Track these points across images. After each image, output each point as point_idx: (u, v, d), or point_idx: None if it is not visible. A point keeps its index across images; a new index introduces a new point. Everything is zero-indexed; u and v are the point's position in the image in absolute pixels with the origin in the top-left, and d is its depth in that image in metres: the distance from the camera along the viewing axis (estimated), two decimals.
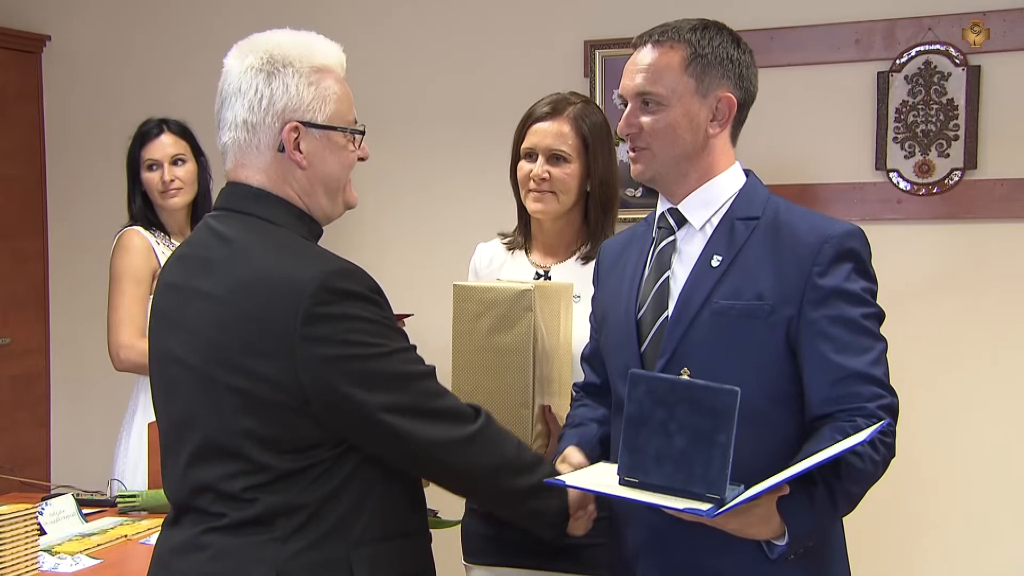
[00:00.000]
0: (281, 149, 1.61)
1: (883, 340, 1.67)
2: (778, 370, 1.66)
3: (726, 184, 1.77)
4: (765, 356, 1.66)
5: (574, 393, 2.06)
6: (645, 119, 1.73)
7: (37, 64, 4.38)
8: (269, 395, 1.52)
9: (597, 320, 1.93)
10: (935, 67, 3.24)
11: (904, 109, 3.27)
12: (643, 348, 1.74)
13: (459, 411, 1.64)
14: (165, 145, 3.03)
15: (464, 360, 2.11)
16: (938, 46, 3.23)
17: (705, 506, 1.48)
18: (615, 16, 3.52)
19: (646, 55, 1.74)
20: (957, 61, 3.21)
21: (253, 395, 1.52)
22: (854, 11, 3.32)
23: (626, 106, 1.77)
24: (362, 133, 1.69)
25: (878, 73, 3.29)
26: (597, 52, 3.58)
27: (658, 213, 1.82)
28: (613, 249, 1.93)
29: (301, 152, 1.61)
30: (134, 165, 3.05)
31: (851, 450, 1.51)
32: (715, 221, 1.75)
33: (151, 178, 3.02)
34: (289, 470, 1.54)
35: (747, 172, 1.81)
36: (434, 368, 1.64)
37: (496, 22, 3.75)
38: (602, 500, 1.81)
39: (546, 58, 3.65)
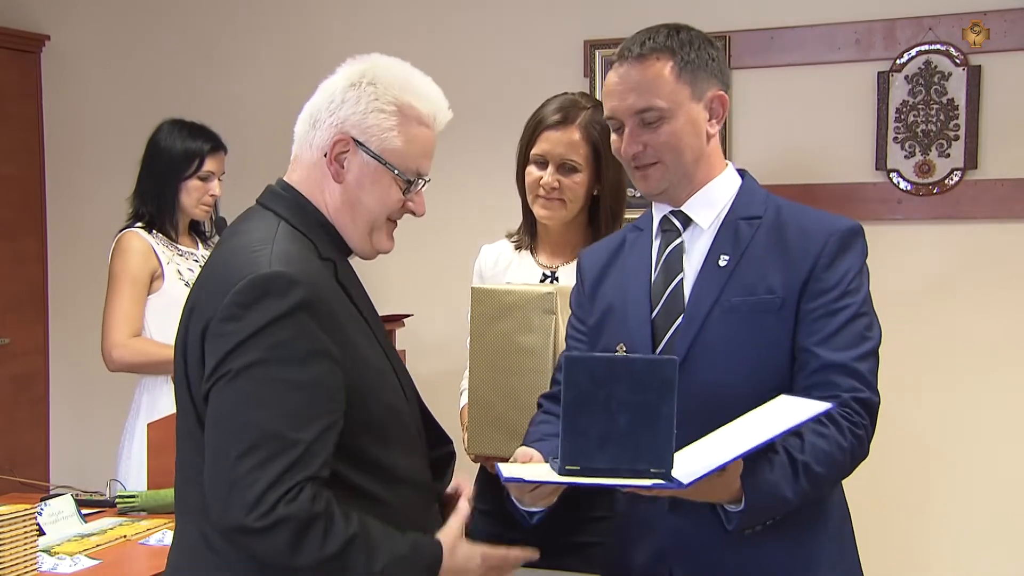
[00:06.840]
0: (325, 155, 1.59)
1: (875, 338, 1.68)
2: (791, 364, 1.67)
3: (724, 185, 1.78)
4: (779, 350, 1.67)
5: (540, 403, 1.91)
6: (649, 135, 1.72)
7: (36, 64, 4.38)
8: (198, 392, 1.50)
9: (588, 329, 1.87)
10: (935, 67, 3.23)
11: (904, 109, 3.27)
12: (658, 351, 1.72)
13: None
14: (222, 162, 3.05)
15: (482, 362, 2.11)
16: (938, 46, 3.23)
17: (664, 480, 1.46)
18: (615, 16, 3.52)
19: (631, 73, 1.72)
20: (957, 61, 3.21)
21: (195, 389, 1.51)
22: (854, 11, 3.32)
23: (618, 128, 1.75)
24: (410, 183, 1.64)
25: (878, 73, 3.29)
26: (597, 52, 3.57)
27: (657, 218, 1.81)
28: (597, 260, 1.89)
29: (342, 166, 1.59)
30: (184, 165, 2.98)
31: (810, 421, 1.50)
32: (717, 223, 1.76)
33: (201, 186, 2.99)
34: None
35: (741, 172, 1.82)
36: (336, 420, 1.45)
37: (496, 22, 3.74)
38: (606, 501, 1.79)
39: (546, 58, 3.64)
